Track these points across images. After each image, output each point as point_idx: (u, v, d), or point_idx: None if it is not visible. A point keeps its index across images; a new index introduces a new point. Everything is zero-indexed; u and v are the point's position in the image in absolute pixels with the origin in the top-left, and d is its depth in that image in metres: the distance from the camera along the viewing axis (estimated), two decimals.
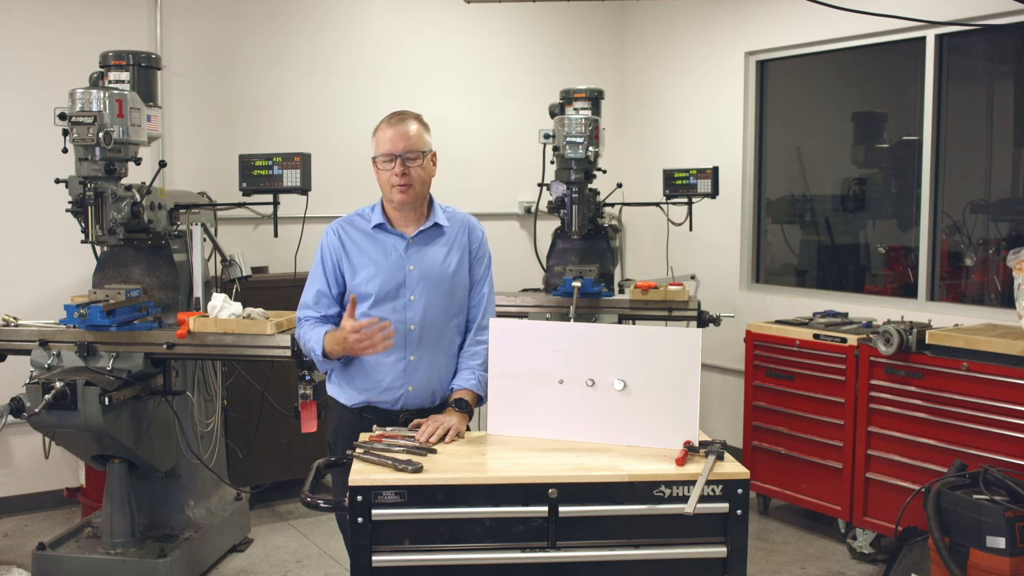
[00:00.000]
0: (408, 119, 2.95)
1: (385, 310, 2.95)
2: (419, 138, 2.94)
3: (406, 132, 2.91)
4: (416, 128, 2.94)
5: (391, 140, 2.91)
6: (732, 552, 2.38)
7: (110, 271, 4.30)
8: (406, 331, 2.95)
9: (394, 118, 2.96)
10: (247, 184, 4.29)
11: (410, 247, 2.98)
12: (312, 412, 3.88)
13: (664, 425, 2.58)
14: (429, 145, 2.97)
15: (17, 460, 5.22)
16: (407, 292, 2.96)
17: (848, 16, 4.64)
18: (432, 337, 2.97)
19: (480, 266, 3.08)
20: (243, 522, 4.81)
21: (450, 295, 3.00)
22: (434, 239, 3.01)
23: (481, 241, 3.10)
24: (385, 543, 2.33)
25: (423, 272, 2.97)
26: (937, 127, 5.09)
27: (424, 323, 2.96)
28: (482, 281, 3.08)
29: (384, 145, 2.92)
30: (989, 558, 3.57)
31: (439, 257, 3.00)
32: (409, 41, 6.21)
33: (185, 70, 5.50)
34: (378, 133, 2.96)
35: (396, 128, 2.92)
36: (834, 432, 4.71)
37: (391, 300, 2.96)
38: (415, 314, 2.96)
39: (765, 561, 4.61)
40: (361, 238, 3.01)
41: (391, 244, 2.99)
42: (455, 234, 3.04)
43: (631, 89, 6.96)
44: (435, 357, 2.99)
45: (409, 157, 2.90)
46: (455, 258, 3.02)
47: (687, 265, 5.94)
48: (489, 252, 3.13)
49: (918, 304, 5.17)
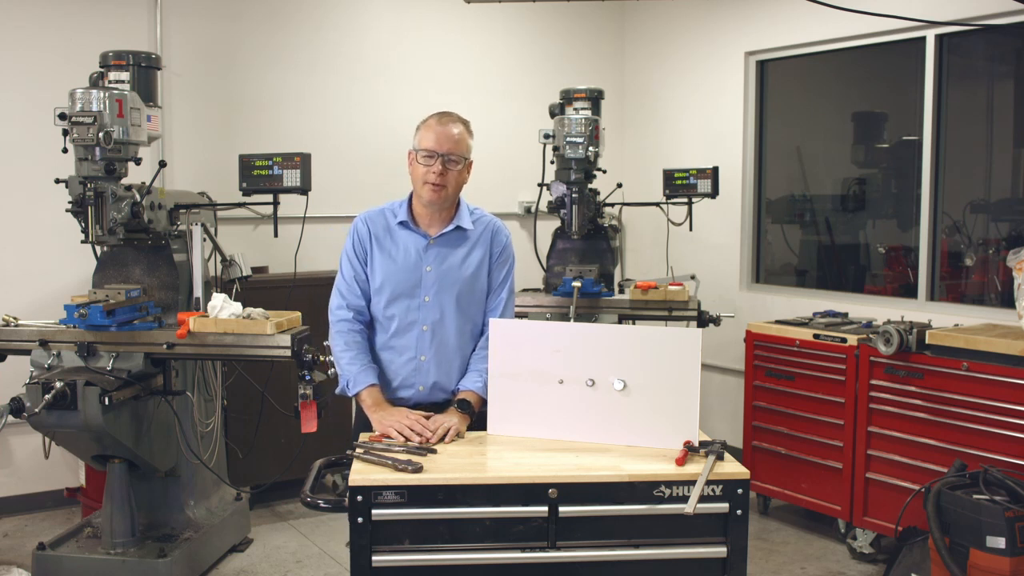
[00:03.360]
0: (458, 121, 2.95)
1: (399, 308, 2.96)
2: (464, 143, 2.94)
3: (453, 134, 2.91)
4: (463, 132, 2.94)
5: (437, 138, 2.89)
6: (732, 552, 2.38)
7: (110, 271, 4.30)
8: (419, 331, 2.96)
9: (444, 117, 2.95)
10: (247, 184, 4.29)
11: (430, 248, 2.98)
12: (312, 412, 3.88)
13: (664, 425, 2.58)
14: (470, 152, 2.97)
15: (17, 460, 5.22)
16: (422, 292, 2.96)
17: (848, 16, 4.64)
18: (444, 339, 2.97)
19: (501, 270, 3.07)
20: (243, 522, 4.81)
21: (466, 298, 2.99)
22: (456, 242, 3.01)
23: (505, 245, 3.09)
24: (385, 543, 2.33)
25: (440, 274, 2.97)
26: (937, 127, 5.09)
27: (437, 325, 2.96)
28: (502, 285, 3.07)
29: (428, 141, 2.90)
30: (989, 558, 3.57)
31: (458, 260, 2.99)
32: (409, 41, 6.21)
33: (185, 70, 5.50)
34: (424, 128, 2.94)
35: (445, 127, 2.91)
36: (834, 432, 4.71)
37: (406, 299, 2.96)
38: (428, 315, 2.96)
39: (765, 561, 4.61)
40: (384, 233, 3.01)
41: (412, 243, 2.99)
42: (479, 237, 3.04)
43: (631, 89, 6.96)
44: (446, 358, 2.99)
45: (451, 159, 2.90)
46: (475, 261, 3.01)
47: (687, 265, 5.94)
48: (513, 257, 3.12)
49: (918, 304, 5.17)
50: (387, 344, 3.01)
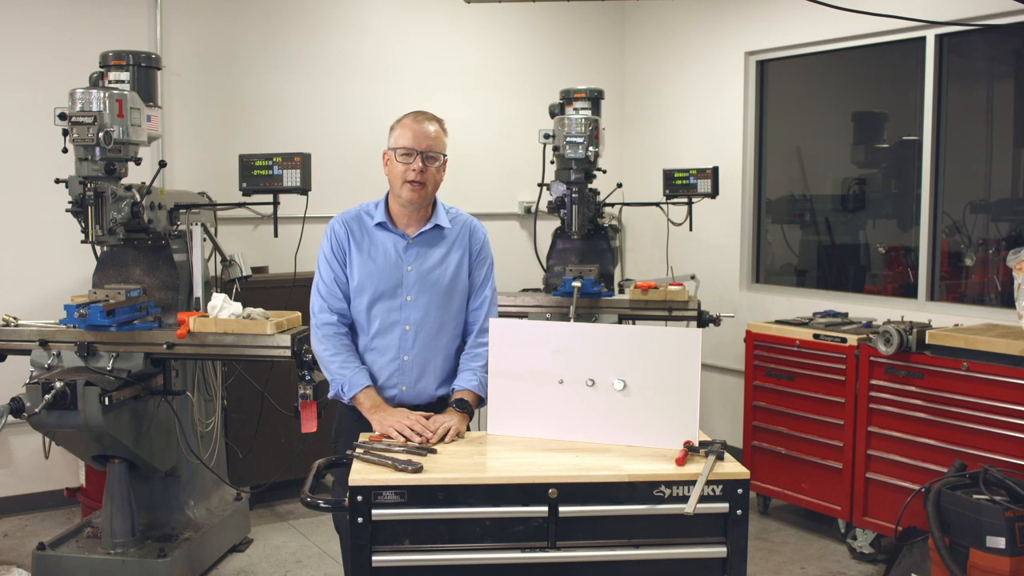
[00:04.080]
0: (432, 119, 2.98)
1: (381, 309, 2.97)
2: (440, 140, 2.97)
3: (430, 131, 2.94)
4: (438, 130, 2.97)
5: (414, 136, 2.92)
6: (732, 552, 2.38)
7: (110, 271, 4.29)
8: (401, 331, 2.97)
9: (420, 116, 2.97)
10: (247, 184, 4.29)
11: (409, 247, 2.99)
12: (312, 412, 3.88)
13: (664, 425, 2.58)
14: (446, 149, 3.00)
15: (17, 460, 5.22)
16: (404, 292, 2.97)
17: (848, 16, 4.64)
18: (427, 338, 2.98)
19: (481, 269, 3.08)
20: (243, 522, 4.81)
21: (447, 297, 3.00)
22: (435, 241, 3.02)
23: (483, 244, 3.10)
24: (385, 543, 2.33)
25: (421, 273, 2.98)
26: (937, 127, 5.09)
27: (420, 324, 2.97)
28: (484, 284, 3.08)
29: (406, 139, 2.92)
30: (989, 558, 3.57)
31: (438, 259, 3.00)
32: (409, 41, 6.21)
33: (185, 70, 5.50)
34: (399, 127, 2.96)
35: (421, 125, 2.93)
36: (834, 432, 4.71)
37: (388, 299, 2.97)
38: (411, 314, 2.97)
39: (765, 561, 4.61)
40: (363, 234, 3.02)
41: (391, 243, 3.00)
42: (456, 236, 3.05)
43: (631, 89, 6.96)
44: (429, 358, 2.99)
45: (430, 156, 2.92)
46: (455, 260, 3.02)
47: (687, 265, 5.95)
48: (491, 255, 3.13)
49: (918, 304, 5.17)
50: (369, 345, 3.00)
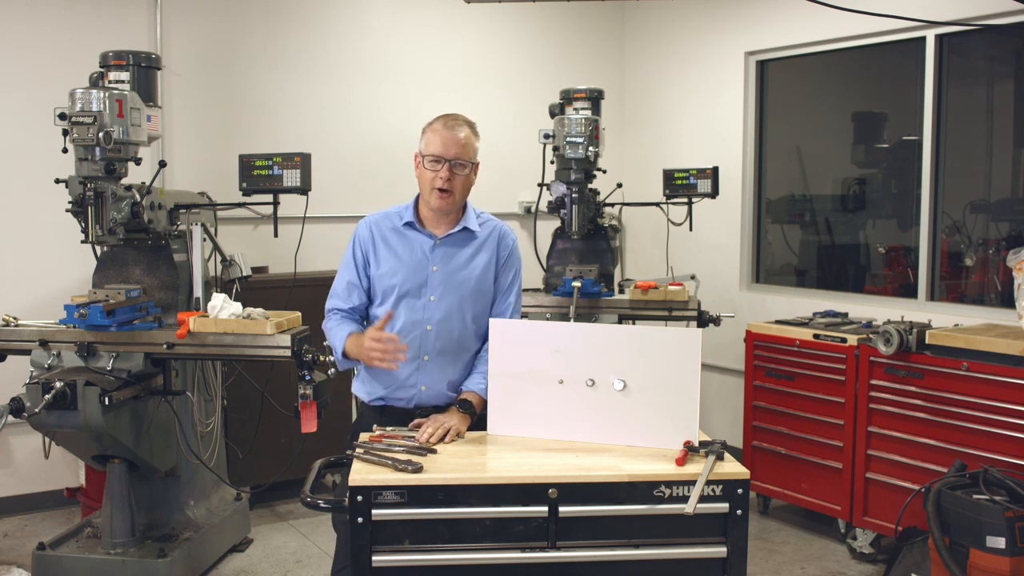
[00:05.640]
0: (464, 124, 2.94)
1: (405, 307, 2.96)
2: (470, 146, 2.93)
3: (459, 138, 2.90)
4: (469, 135, 2.93)
5: (443, 143, 2.89)
6: (732, 552, 2.39)
7: (110, 271, 4.29)
8: (423, 331, 2.96)
9: (450, 120, 2.93)
10: (247, 184, 4.29)
11: (436, 248, 2.98)
12: (312, 412, 3.88)
13: (664, 425, 2.58)
14: (477, 155, 2.97)
15: (17, 460, 5.22)
16: (428, 292, 2.96)
17: (848, 16, 4.64)
18: (448, 340, 2.97)
19: (508, 274, 3.07)
20: (243, 522, 4.81)
21: (472, 300, 2.99)
22: (463, 243, 3.01)
23: (511, 249, 3.08)
24: (385, 543, 2.33)
25: (446, 274, 2.97)
26: (937, 127, 5.09)
27: (441, 325, 2.96)
28: (509, 290, 3.07)
29: (435, 146, 2.89)
30: (989, 558, 3.57)
31: (464, 261, 2.99)
32: (409, 41, 6.21)
33: (185, 70, 5.50)
34: (430, 132, 2.93)
35: (451, 132, 2.89)
36: (834, 432, 4.71)
37: (412, 298, 2.96)
38: (433, 315, 2.96)
39: (765, 561, 4.61)
40: (391, 234, 3.01)
41: (418, 243, 2.99)
42: (485, 240, 3.03)
43: (631, 89, 6.96)
44: (450, 360, 2.98)
45: (458, 163, 2.90)
46: (481, 263, 3.01)
47: (687, 265, 5.95)
48: (520, 262, 3.12)
49: (918, 304, 5.17)
50: None
